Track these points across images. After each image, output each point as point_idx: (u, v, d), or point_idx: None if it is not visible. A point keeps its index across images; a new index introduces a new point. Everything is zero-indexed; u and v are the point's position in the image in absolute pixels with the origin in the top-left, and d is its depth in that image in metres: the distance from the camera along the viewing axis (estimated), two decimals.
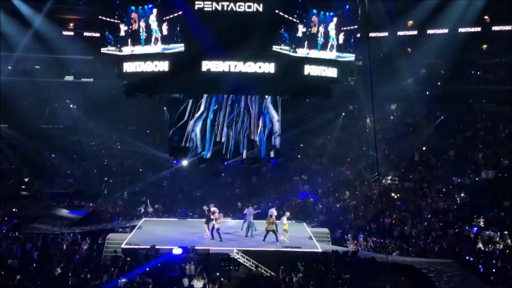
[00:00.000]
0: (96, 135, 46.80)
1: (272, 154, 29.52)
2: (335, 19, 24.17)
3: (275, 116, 29.01)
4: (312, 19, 23.69)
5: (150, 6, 23.32)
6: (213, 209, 29.44)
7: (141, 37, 23.66)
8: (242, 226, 30.51)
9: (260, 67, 23.51)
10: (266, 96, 28.45)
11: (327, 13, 24.03)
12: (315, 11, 23.65)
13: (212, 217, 29.06)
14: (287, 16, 23.16)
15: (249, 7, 22.83)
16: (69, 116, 47.01)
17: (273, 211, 29.57)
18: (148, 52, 23.84)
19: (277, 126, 29.19)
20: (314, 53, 24.11)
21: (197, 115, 28.50)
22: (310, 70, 24.28)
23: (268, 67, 23.55)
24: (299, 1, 23.67)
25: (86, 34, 45.16)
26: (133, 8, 23.66)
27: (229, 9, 22.81)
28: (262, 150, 29.15)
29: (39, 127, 45.21)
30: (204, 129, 28.60)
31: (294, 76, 24.31)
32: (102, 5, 25.81)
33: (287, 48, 23.40)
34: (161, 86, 25.50)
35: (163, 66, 23.89)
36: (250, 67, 23.47)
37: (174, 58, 23.62)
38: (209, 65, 23.46)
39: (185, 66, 23.68)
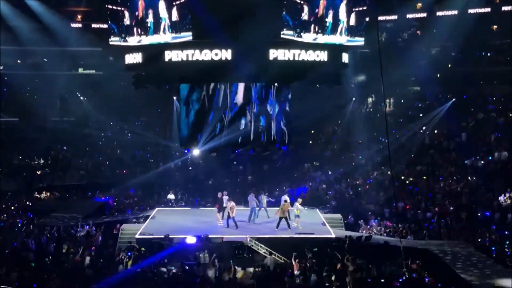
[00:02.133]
0: (107, 127, 46.90)
1: (283, 141, 29.45)
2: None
3: (285, 102, 28.89)
4: None
5: None
6: (225, 197, 29.58)
7: (149, 26, 23.48)
8: (257, 214, 30.62)
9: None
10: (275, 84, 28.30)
11: None
12: None
13: (225, 205, 29.15)
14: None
15: None
16: (80, 109, 47.10)
17: (286, 198, 29.56)
18: (155, 42, 23.75)
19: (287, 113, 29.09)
20: (323, 38, 23.83)
21: (205, 105, 28.41)
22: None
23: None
24: None
25: (94, 25, 45.15)
26: None
27: None
28: (272, 138, 28.98)
29: (50, 120, 45.34)
30: (213, 119, 28.53)
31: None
32: None
33: (291, 33, 23.06)
34: (170, 76, 25.54)
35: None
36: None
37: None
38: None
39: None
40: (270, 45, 23.63)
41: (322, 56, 24.32)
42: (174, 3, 22.82)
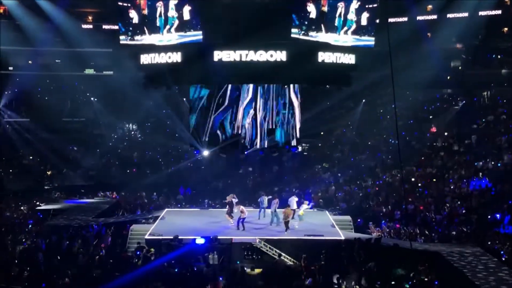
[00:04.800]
0: (117, 128, 47.04)
1: (293, 142, 29.48)
2: None
3: (295, 103, 28.85)
4: None
5: None
6: (234, 200, 29.78)
7: (159, 24, 23.45)
8: (259, 215, 30.95)
9: (271, 55, 23.28)
10: (286, 86, 28.27)
11: None
12: None
13: (235, 208, 29.31)
14: None
15: None
16: (90, 109, 47.28)
17: (293, 200, 29.64)
18: (163, 41, 23.73)
19: (297, 114, 29.07)
20: (325, 37, 23.63)
21: (216, 106, 28.44)
22: (221, 56, 23.53)
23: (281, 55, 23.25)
24: None
25: (105, 27, 45.31)
26: None
27: None
28: (281, 138, 29.02)
29: (60, 120, 45.53)
30: (224, 119, 28.57)
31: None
32: None
33: (296, 31, 22.85)
34: (177, 77, 25.49)
35: (176, 57, 23.96)
36: (262, 55, 23.24)
37: (186, 49, 23.58)
38: (221, 55, 23.32)
39: (198, 56, 23.61)
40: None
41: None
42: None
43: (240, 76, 24.73)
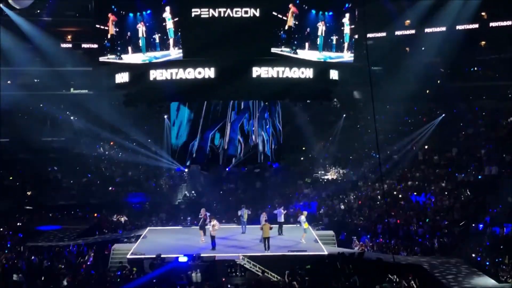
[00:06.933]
0: (97, 147, 46.75)
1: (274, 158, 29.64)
2: (331, 18, 24.10)
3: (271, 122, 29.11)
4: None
5: (148, 12, 23.33)
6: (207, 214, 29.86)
7: (141, 44, 23.63)
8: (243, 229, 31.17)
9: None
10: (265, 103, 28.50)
11: (326, 13, 23.95)
12: (314, 11, 23.63)
13: (208, 223, 29.20)
14: (282, 17, 23.10)
15: (246, 12, 22.84)
16: (70, 129, 46.98)
17: (265, 216, 29.52)
18: (145, 60, 23.83)
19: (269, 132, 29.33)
20: (315, 55, 23.98)
21: (196, 123, 28.55)
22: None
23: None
24: (296, 2, 23.49)
25: (84, 45, 45.13)
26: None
27: (226, 15, 22.83)
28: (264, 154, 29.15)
29: (40, 140, 45.12)
30: (205, 137, 28.66)
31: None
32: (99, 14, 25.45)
33: (288, 49, 23.28)
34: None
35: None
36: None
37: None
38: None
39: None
40: (254, 62, 23.75)
41: (308, 73, 24.37)
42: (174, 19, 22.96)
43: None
